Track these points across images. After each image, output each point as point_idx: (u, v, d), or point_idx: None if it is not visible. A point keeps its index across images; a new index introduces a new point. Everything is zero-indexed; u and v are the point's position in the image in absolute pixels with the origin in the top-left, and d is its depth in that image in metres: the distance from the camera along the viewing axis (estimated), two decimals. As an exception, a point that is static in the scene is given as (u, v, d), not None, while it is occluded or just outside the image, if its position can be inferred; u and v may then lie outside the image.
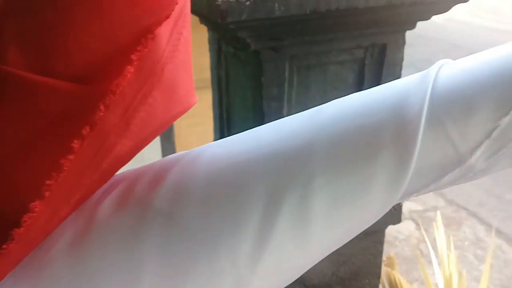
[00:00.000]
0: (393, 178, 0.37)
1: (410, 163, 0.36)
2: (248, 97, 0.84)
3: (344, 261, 0.88)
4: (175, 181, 0.41)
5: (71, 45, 0.38)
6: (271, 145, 0.40)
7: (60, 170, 0.33)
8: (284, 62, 0.78)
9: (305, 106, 0.78)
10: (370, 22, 0.78)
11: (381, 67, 0.83)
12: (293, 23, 0.72)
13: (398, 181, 0.36)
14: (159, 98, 0.41)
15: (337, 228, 0.39)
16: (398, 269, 1.85)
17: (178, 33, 0.41)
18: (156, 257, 0.39)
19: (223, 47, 0.91)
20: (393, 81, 0.41)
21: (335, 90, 0.83)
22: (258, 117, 0.81)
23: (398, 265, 1.92)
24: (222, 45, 0.91)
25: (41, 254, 0.41)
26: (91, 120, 0.34)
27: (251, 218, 0.38)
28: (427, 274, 1.13)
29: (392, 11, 0.76)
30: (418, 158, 0.36)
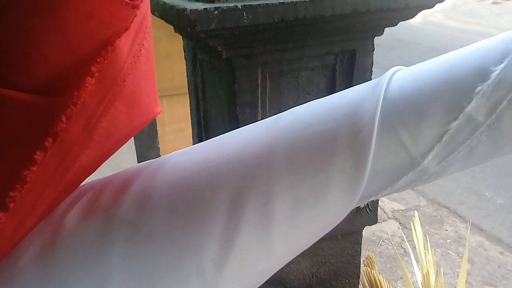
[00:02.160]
0: (350, 181, 0.38)
1: (366, 167, 0.37)
2: (224, 103, 0.85)
3: (324, 262, 0.90)
4: (140, 190, 0.42)
5: (31, 57, 0.39)
6: (232, 152, 0.41)
7: (23, 181, 0.34)
8: (256, 69, 0.79)
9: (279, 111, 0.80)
10: (338, 29, 0.80)
11: (352, 72, 0.85)
12: (262, 31, 0.74)
13: (355, 184, 0.38)
14: (122, 109, 0.42)
15: (299, 231, 0.40)
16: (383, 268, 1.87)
17: (139, 44, 0.42)
18: (123, 265, 0.40)
19: (198, 55, 0.93)
20: (347, 89, 0.43)
21: (307, 95, 0.84)
22: (233, 123, 0.82)
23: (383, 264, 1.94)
24: (197, 53, 0.93)
25: (9, 265, 0.41)
26: (54, 131, 0.35)
27: (215, 224, 0.39)
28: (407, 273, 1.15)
29: (359, 18, 0.78)
30: (373, 162, 0.38)
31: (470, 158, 0.40)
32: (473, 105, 0.37)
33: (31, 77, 0.38)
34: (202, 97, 0.96)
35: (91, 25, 0.38)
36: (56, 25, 0.37)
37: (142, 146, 1.94)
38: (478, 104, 0.37)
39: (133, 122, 0.44)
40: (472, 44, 0.41)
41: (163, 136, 2.11)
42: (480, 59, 0.38)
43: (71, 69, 0.40)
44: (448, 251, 2.03)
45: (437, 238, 2.08)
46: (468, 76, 0.38)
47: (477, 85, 0.36)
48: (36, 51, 0.38)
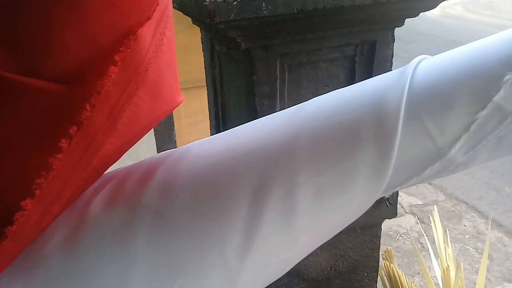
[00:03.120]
0: (375, 171, 0.38)
1: (391, 157, 0.37)
2: (242, 95, 0.85)
3: (342, 255, 0.90)
4: (163, 179, 0.43)
5: (54, 47, 0.39)
6: (255, 141, 0.41)
7: (49, 169, 0.35)
8: (275, 60, 0.79)
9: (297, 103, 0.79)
10: (358, 19, 0.79)
11: (371, 63, 0.84)
12: (281, 22, 0.73)
13: (380, 174, 0.38)
14: (144, 98, 0.42)
15: (323, 221, 0.40)
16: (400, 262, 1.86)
17: (161, 33, 0.42)
18: (147, 253, 0.40)
19: (216, 46, 0.93)
20: (371, 78, 0.43)
21: (326, 87, 0.84)
22: (251, 115, 0.82)
23: (400, 258, 1.93)
24: (215, 45, 0.92)
25: (35, 251, 0.42)
26: (78, 119, 0.36)
27: (238, 212, 0.39)
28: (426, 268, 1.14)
29: (379, 9, 0.77)
30: (398, 152, 0.37)
31: (498, 148, 0.39)
32: (502, 94, 0.36)
33: (54, 67, 0.39)
34: (220, 89, 0.96)
35: (113, 15, 0.38)
36: (78, 15, 0.38)
37: (159, 139, 1.96)
38: (507, 93, 0.36)
39: (156, 111, 0.44)
40: (498, 33, 0.40)
41: (180, 129, 2.12)
42: (508, 47, 0.37)
43: (94, 58, 0.40)
44: (466, 246, 2.00)
45: (455, 234, 2.06)
46: (495, 65, 0.37)
47: (506, 74, 0.36)
48: (58, 41, 0.38)
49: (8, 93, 0.37)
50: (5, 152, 0.38)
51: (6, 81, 0.37)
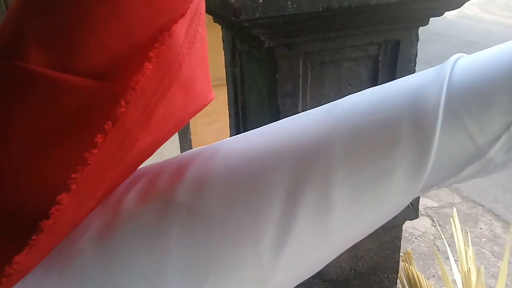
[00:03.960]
0: (413, 170, 0.37)
1: (429, 156, 0.36)
2: (263, 94, 0.85)
3: (362, 256, 0.89)
4: (196, 175, 0.43)
5: (91, 43, 0.39)
6: (288, 139, 0.41)
7: (85, 164, 0.35)
8: (298, 59, 0.78)
9: (320, 102, 0.79)
10: (383, 18, 0.78)
11: (395, 63, 0.83)
12: (306, 21, 0.73)
13: (418, 173, 0.37)
14: (178, 94, 0.42)
15: (357, 220, 0.39)
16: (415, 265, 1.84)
17: (194, 30, 0.42)
18: (180, 248, 0.40)
19: (237, 45, 0.93)
20: (408, 75, 0.42)
21: (349, 86, 0.83)
22: (273, 114, 0.82)
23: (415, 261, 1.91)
24: (236, 43, 0.92)
25: (69, 245, 0.42)
26: (113, 115, 0.36)
27: (272, 210, 0.39)
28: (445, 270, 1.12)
29: (404, 8, 0.76)
30: (437, 151, 0.37)
31: None
32: None
33: (90, 63, 0.39)
34: (241, 88, 0.96)
35: (149, 12, 0.38)
36: (116, 12, 0.38)
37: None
38: None
39: (188, 108, 0.44)
40: None
41: (195, 128, 2.13)
42: None
43: (129, 55, 0.40)
44: (482, 250, 1.98)
45: (471, 237, 2.03)
46: None
47: None
48: (94, 37, 0.38)
49: (46, 89, 0.37)
50: (42, 147, 0.38)
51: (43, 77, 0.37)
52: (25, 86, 0.38)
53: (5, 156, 0.38)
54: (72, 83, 0.38)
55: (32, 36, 0.38)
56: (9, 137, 0.38)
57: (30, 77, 0.37)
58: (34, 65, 0.38)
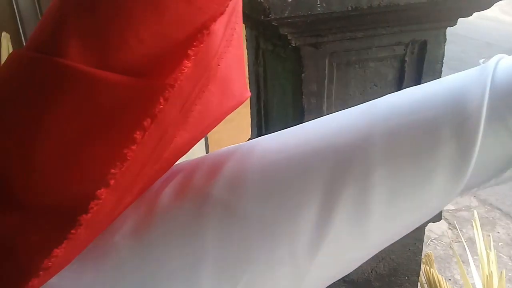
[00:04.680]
0: (454, 172, 0.37)
1: (472, 157, 0.36)
2: (288, 93, 0.85)
3: (384, 258, 0.88)
4: (232, 172, 0.43)
5: (130, 41, 0.39)
6: (326, 138, 0.41)
7: (124, 159, 0.35)
8: (324, 59, 0.78)
9: (345, 102, 0.79)
10: (411, 18, 0.78)
11: (422, 63, 0.83)
12: (334, 20, 0.73)
13: (459, 175, 0.37)
14: (215, 92, 0.42)
15: (395, 221, 0.39)
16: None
17: (231, 28, 0.42)
18: (216, 245, 0.40)
19: (261, 44, 0.92)
20: (449, 76, 0.42)
21: (374, 86, 0.83)
22: (297, 114, 0.82)
23: (431, 264, 1.89)
24: (260, 42, 0.92)
25: (105, 239, 0.43)
26: (152, 112, 0.36)
27: (309, 209, 0.39)
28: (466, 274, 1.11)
29: (434, 8, 0.76)
30: (479, 152, 0.36)
31: None
32: None
33: (129, 61, 0.39)
34: (263, 87, 0.96)
35: (189, 10, 0.38)
36: (156, 10, 0.38)
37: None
38: None
39: (225, 105, 0.44)
40: None
41: (211, 126, 2.12)
42: None
43: (168, 53, 0.41)
44: (500, 254, 1.95)
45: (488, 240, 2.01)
46: None
47: None
48: (134, 35, 0.39)
49: (85, 86, 0.38)
50: (82, 142, 0.39)
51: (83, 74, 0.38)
52: (64, 82, 0.38)
53: (45, 152, 0.39)
54: (111, 80, 0.38)
55: (71, 33, 0.38)
56: (49, 132, 0.38)
57: (70, 74, 0.38)
58: (74, 62, 0.38)
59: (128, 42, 0.39)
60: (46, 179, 0.40)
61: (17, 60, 0.43)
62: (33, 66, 0.40)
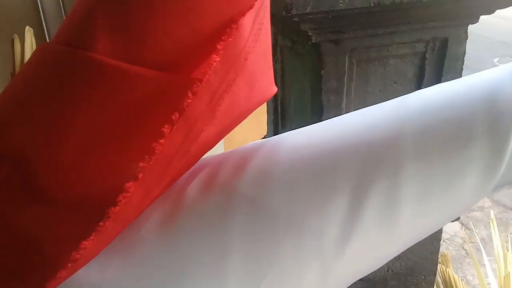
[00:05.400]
0: (487, 168, 0.36)
1: (505, 154, 0.35)
2: (306, 90, 0.85)
3: (400, 256, 0.88)
4: (258, 168, 0.42)
5: (158, 35, 0.39)
6: (356, 134, 0.40)
7: (152, 153, 0.35)
8: (344, 55, 0.78)
9: (364, 100, 0.78)
10: (433, 15, 0.77)
11: (442, 61, 0.82)
12: (356, 16, 0.72)
13: (492, 172, 0.36)
14: (242, 86, 0.42)
15: (425, 218, 0.39)
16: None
17: (259, 23, 0.42)
18: (243, 240, 0.40)
19: (279, 41, 0.92)
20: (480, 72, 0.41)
21: (394, 84, 0.82)
22: (316, 110, 0.81)
23: (443, 264, 1.88)
24: (279, 39, 0.92)
25: (131, 233, 0.43)
26: (180, 106, 0.36)
27: (337, 205, 0.38)
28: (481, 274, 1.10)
29: (456, 4, 0.75)
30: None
31: None
32: None
33: (158, 54, 0.39)
34: (281, 84, 0.96)
35: (219, 4, 0.38)
36: (185, 4, 0.38)
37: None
38: None
39: (251, 100, 0.44)
40: None
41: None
42: None
43: (196, 47, 0.40)
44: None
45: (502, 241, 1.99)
46: None
47: None
48: (163, 29, 0.39)
49: (113, 79, 0.38)
50: (110, 136, 0.39)
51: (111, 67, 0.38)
52: (92, 76, 0.38)
53: (72, 145, 0.39)
54: (139, 74, 0.38)
55: (100, 27, 0.38)
56: (76, 126, 0.39)
57: (98, 68, 0.38)
58: (102, 55, 0.38)
59: (157, 36, 0.39)
60: (73, 173, 0.40)
61: (45, 54, 0.43)
62: (62, 60, 0.40)
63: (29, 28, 0.72)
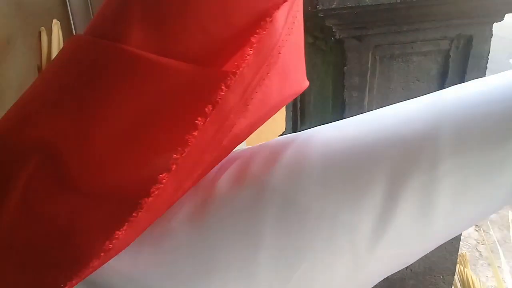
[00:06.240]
0: None
1: None
2: (327, 87, 0.84)
3: (420, 255, 0.87)
4: (291, 161, 0.42)
5: (192, 28, 0.39)
6: (391, 129, 0.40)
7: (185, 145, 0.35)
8: (368, 52, 0.77)
9: (386, 97, 0.77)
10: (458, 12, 0.76)
11: (466, 59, 0.81)
12: (381, 12, 0.72)
13: None
14: (275, 80, 0.42)
15: (461, 215, 0.38)
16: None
17: (293, 16, 0.42)
18: (274, 234, 0.40)
19: (300, 37, 0.92)
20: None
21: (417, 81, 0.81)
22: (337, 107, 0.81)
23: (457, 266, 1.86)
24: (299, 35, 0.92)
25: (162, 224, 0.43)
26: (213, 99, 0.36)
27: (372, 200, 0.38)
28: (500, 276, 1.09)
29: (483, 1, 0.74)
30: None
31: None
32: None
33: (191, 47, 0.39)
34: (301, 80, 0.95)
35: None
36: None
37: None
38: None
39: (284, 94, 0.44)
40: None
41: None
42: None
43: (230, 40, 0.40)
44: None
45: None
46: None
47: None
48: (197, 22, 0.38)
49: (146, 72, 0.38)
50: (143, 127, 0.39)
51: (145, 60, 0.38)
52: (126, 67, 0.38)
53: (105, 136, 0.39)
54: (172, 67, 0.38)
55: (134, 19, 0.38)
56: (107, 117, 0.39)
57: (131, 59, 0.38)
58: (136, 48, 0.38)
59: (191, 30, 0.39)
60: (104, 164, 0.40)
61: (77, 45, 0.43)
62: (94, 51, 0.40)
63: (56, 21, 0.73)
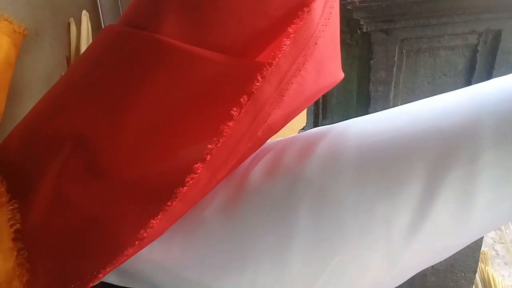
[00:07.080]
0: None
1: None
2: (351, 81, 0.83)
3: (442, 252, 0.86)
4: (325, 153, 0.42)
5: (227, 18, 0.39)
6: (429, 121, 0.40)
7: (220, 135, 0.35)
8: (395, 45, 0.76)
9: (412, 91, 0.76)
10: (488, 6, 0.74)
11: (494, 54, 0.79)
12: (410, 5, 0.71)
13: None
14: (311, 71, 0.41)
15: (500, 209, 0.38)
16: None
17: (330, 7, 0.41)
18: (308, 225, 0.40)
19: (324, 30, 0.91)
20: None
21: (444, 76, 0.80)
22: (362, 101, 0.80)
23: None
24: (323, 28, 0.91)
25: (195, 214, 0.43)
26: (249, 89, 0.36)
27: (410, 193, 0.38)
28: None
29: (514, -5, 0.72)
30: None
31: None
32: None
33: (226, 38, 0.39)
34: (323, 74, 0.95)
35: None
36: None
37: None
38: None
39: (319, 85, 0.44)
40: None
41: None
42: None
43: (266, 30, 0.40)
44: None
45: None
46: None
47: None
48: (232, 12, 0.38)
49: (181, 61, 0.38)
50: (177, 118, 0.39)
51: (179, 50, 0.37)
52: (159, 57, 0.38)
53: (140, 125, 0.39)
54: (207, 58, 0.38)
55: (169, 10, 0.38)
56: (141, 106, 0.39)
57: (166, 49, 0.38)
58: (170, 38, 0.38)
59: (226, 21, 0.38)
60: (136, 153, 0.40)
61: (111, 35, 0.43)
62: (127, 41, 0.40)
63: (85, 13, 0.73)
